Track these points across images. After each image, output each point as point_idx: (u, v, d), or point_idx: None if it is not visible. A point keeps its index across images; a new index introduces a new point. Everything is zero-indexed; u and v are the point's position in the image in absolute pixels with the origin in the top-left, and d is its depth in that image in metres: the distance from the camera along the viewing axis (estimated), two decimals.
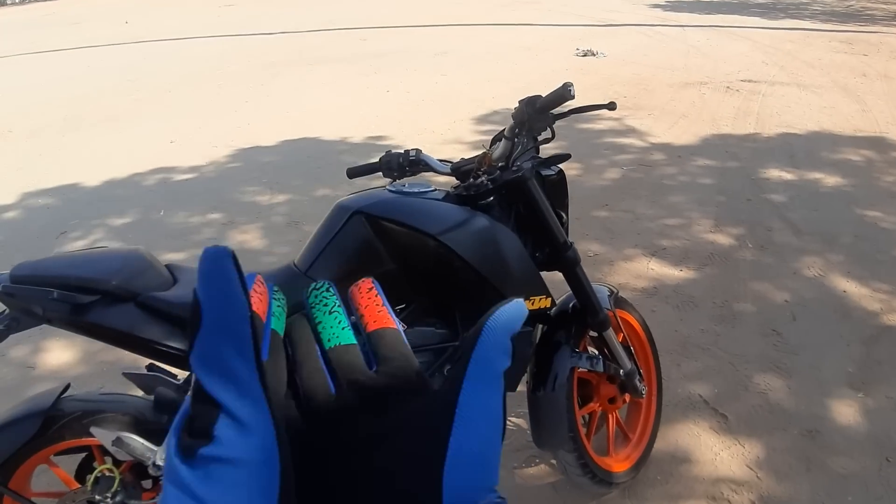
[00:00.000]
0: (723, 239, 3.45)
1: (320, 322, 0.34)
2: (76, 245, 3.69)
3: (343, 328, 0.33)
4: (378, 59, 9.22)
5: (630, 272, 3.13)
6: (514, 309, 0.32)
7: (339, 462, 0.28)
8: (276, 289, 0.34)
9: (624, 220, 3.72)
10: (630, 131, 5.35)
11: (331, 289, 0.36)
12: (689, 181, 4.31)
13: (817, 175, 4.29)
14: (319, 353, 0.32)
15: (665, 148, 4.97)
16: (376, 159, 1.63)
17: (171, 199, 4.34)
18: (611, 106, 1.42)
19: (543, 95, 1.35)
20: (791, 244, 3.35)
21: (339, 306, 0.35)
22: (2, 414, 1.32)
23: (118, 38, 11.19)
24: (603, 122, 5.51)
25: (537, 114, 1.34)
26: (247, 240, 3.66)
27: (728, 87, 6.72)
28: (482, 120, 5.94)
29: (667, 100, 6.36)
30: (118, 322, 1.22)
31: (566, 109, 1.36)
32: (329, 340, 0.33)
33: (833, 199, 3.90)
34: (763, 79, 7.04)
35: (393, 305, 1.37)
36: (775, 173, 4.35)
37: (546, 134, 1.42)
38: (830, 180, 4.20)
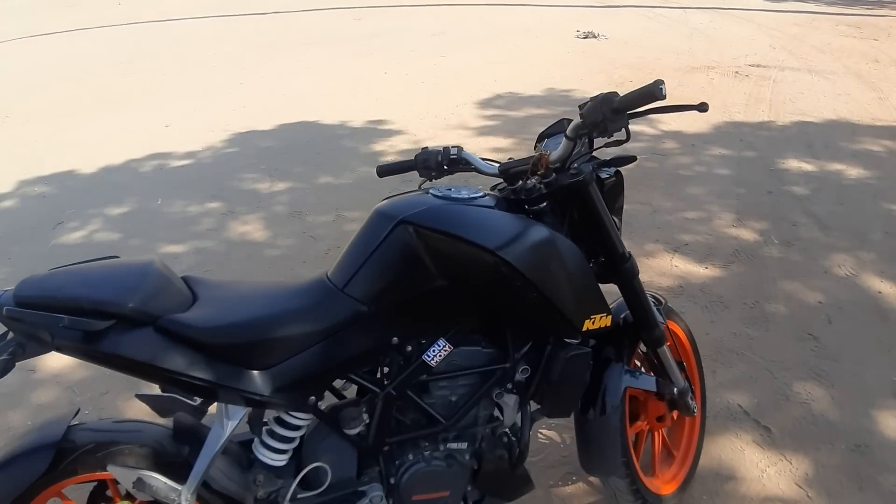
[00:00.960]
0: (746, 234, 3.32)
1: None
2: (73, 237, 3.52)
3: None
4: (374, 39, 8.96)
5: (654, 269, 3.00)
6: None
7: None
8: None
9: (642, 212, 3.58)
10: (640, 118, 5.20)
11: None
12: (705, 171, 4.17)
13: (838, 166, 4.16)
14: None
15: (677, 136, 4.83)
16: (407, 157, 1.48)
17: (169, 186, 4.15)
18: (702, 107, 1.24)
19: (620, 93, 1.18)
20: (819, 240, 3.24)
21: None
22: (9, 447, 1.18)
23: (112, 19, 10.81)
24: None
25: (614, 113, 1.17)
26: (248, 231, 3.49)
27: (737, 73, 6.56)
28: (486, 104, 5.76)
29: (674, 85, 6.19)
30: (136, 351, 1.07)
31: (645, 108, 1.20)
32: None
33: (858, 193, 3.78)
34: (772, 64, 6.89)
35: (439, 324, 1.24)
36: (794, 164, 4.22)
37: (619, 135, 1.26)
38: (853, 172, 4.08)
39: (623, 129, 1.21)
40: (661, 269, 3.02)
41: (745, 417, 2.11)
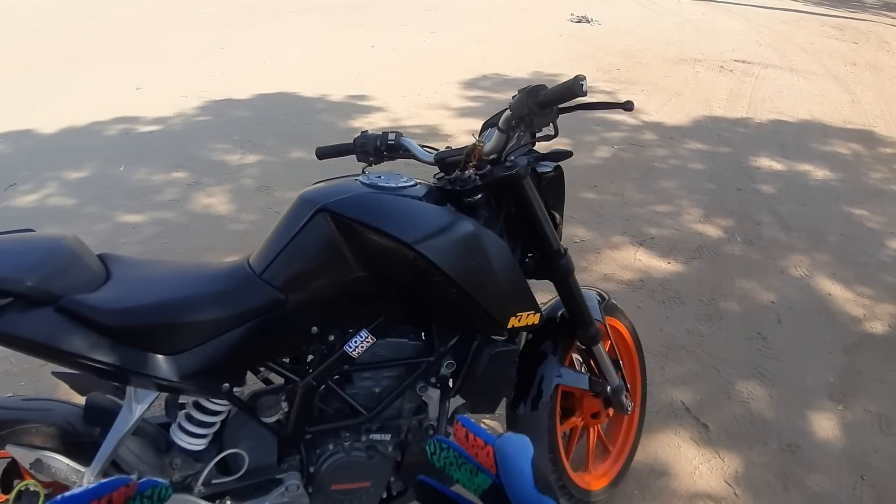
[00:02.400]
0: (712, 231, 3.34)
1: (459, 479, 0.43)
2: (25, 200, 3.42)
3: (477, 474, 0.43)
4: (363, 10, 8.79)
5: (616, 262, 3.01)
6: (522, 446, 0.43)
7: None
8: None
9: (613, 203, 3.58)
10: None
11: (444, 444, 0.44)
12: (680, 165, 4.18)
13: (807, 167, 4.20)
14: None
15: (657, 127, 4.82)
16: (350, 141, 1.44)
17: (133, 152, 4.05)
18: (627, 106, 1.22)
19: (548, 87, 1.15)
20: (779, 240, 3.27)
21: (461, 457, 0.43)
22: None
23: None
24: (595, 96, 5.32)
25: (539, 108, 1.14)
26: (212, 204, 3.43)
27: (722, 67, 6.55)
28: (470, 84, 5.69)
29: (660, 75, 6.17)
30: (33, 331, 1.02)
31: (574, 104, 1.17)
32: (476, 490, 0.43)
33: (821, 194, 3.83)
34: (756, 60, 6.89)
35: (361, 314, 1.22)
36: (766, 162, 4.24)
37: (548, 130, 1.24)
38: (819, 173, 4.11)
39: (552, 125, 1.19)
40: (624, 262, 3.03)
41: (685, 414, 2.14)
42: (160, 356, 1.10)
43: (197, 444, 1.23)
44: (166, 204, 3.41)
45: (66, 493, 0.36)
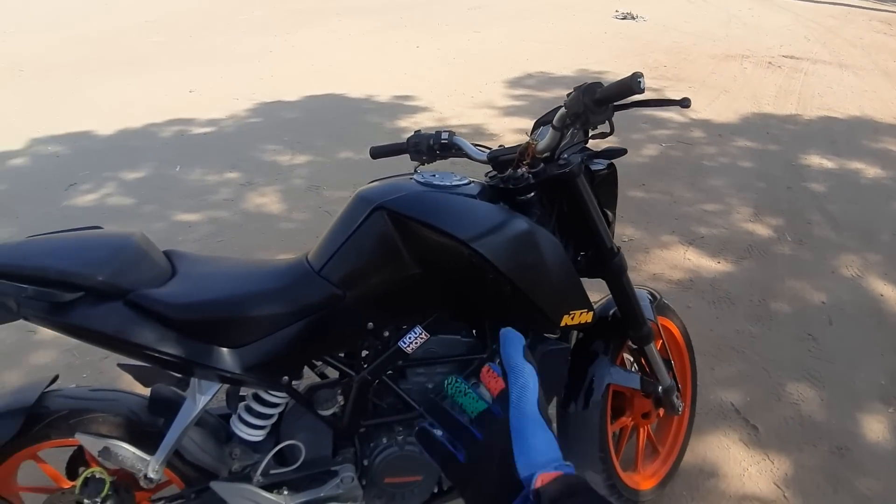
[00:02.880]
0: (762, 230, 3.28)
1: (462, 403, 0.53)
2: (85, 199, 3.57)
3: (477, 401, 0.53)
4: (408, 11, 8.88)
5: (666, 261, 3.00)
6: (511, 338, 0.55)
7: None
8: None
9: (662, 202, 3.56)
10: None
11: (458, 378, 0.55)
12: (729, 163, 4.11)
13: (858, 165, 4.07)
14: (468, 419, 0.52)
15: (705, 125, 4.75)
16: (403, 140, 1.44)
17: (188, 153, 4.21)
18: (684, 103, 1.19)
19: (605, 84, 1.14)
20: (830, 239, 3.19)
21: (468, 388, 0.54)
22: None
23: None
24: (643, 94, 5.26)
25: (596, 105, 1.13)
26: (264, 203, 3.55)
27: (770, 63, 6.38)
28: (515, 83, 5.70)
29: (708, 72, 6.06)
30: (103, 324, 1.06)
31: (629, 101, 1.18)
32: (472, 412, 0.52)
33: (873, 192, 3.72)
34: (805, 56, 6.68)
35: (415, 311, 1.26)
36: (816, 160, 4.13)
37: (603, 127, 1.24)
38: (871, 171, 3.99)
39: (607, 122, 1.19)
40: (673, 261, 3.01)
41: (735, 416, 2.12)
42: (223, 349, 1.13)
43: (256, 436, 1.26)
44: (221, 203, 3.54)
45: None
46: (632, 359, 1.69)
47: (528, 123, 5.13)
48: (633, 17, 8.46)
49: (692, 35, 7.52)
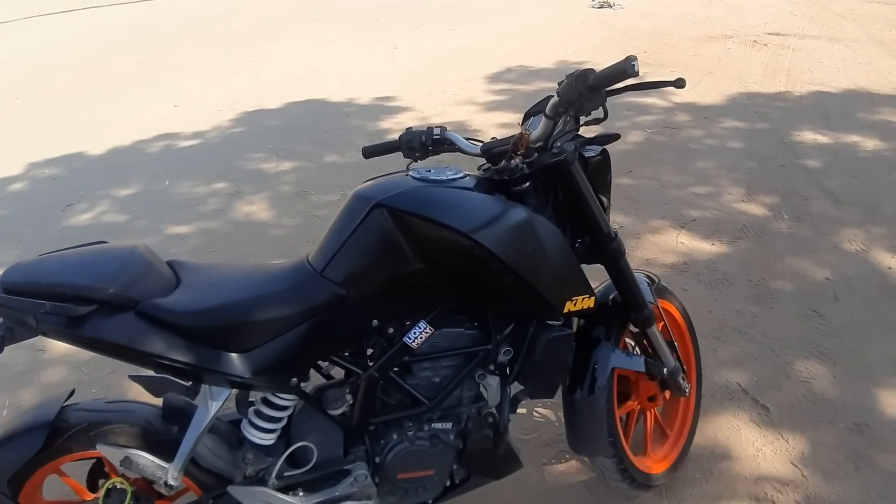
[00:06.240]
0: (756, 209, 3.26)
1: None
2: (83, 219, 3.57)
3: None
4: (383, 12, 8.86)
5: (658, 246, 2.97)
6: None
7: None
8: None
9: (650, 188, 3.53)
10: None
11: None
12: (717, 145, 4.08)
13: (855, 138, 4.05)
14: None
15: (690, 108, 4.73)
16: (395, 137, 1.46)
17: (176, 167, 4.18)
18: (678, 83, 1.20)
19: (597, 70, 1.14)
20: (830, 215, 3.16)
21: None
22: (5, 427, 1.23)
23: None
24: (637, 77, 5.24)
25: (589, 91, 1.13)
26: (254, 211, 3.51)
27: (755, 41, 6.38)
28: (495, 78, 5.68)
29: (690, 55, 6.05)
30: (118, 335, 1.09)
31: (623, 85, 1.16)
32: None
33: (873, 165, 3.68)
34: (792, 31, 6.68)
35: (419, 306, 1.23)
36: (809, 136, 4.11)
37: (597, 113, 1.22)
38: (869, 144, 3.96)
39: (601, 108, 1.17)
40: (666, 245, 2.98)
41: (743, 396, 2.09)
42: (232, 354, 1.15)
43: (267, 439, 1.27)
44: (210, 214, 3.50)
45: None
46: (633, 343, 1.67)
47: (511, 118, 5.12)
48: (610, 6, 8.46)
49: (672, 19, 7.52)
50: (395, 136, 1.45)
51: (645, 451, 1.72)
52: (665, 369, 1.58)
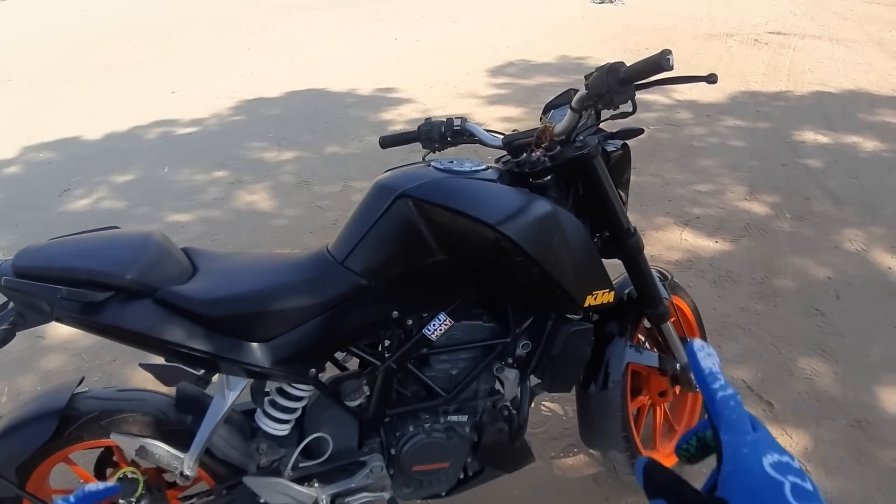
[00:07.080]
0: (758, 208, 3.27)
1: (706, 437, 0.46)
2: (79, 204, 3.53)
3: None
4: (383, 3, 8.80)
5: (662, 243, 2.97)
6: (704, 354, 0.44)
7: None
8: None
9: (653, 185, 3.53)
10: (654, 87, 5.10)
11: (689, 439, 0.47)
12: (719, 143, 4.10)
13: (855, 138, 4.08)
14: None
15: (692, 106, 4.74)
16: (399, 129, 1.45)
17: (175, 154, 4.14)
18: (711, 78, 1.15)
19: (626, 64, 1.13)
20: (831, 215, 3.19)
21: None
22: (14, 414, 1.20)
23: None
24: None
25: (620, 84, 1.12)
26: (255, 201, 3.48)
27: (756, 40, 6.40)
28: (497, 72, 5.66)
29: (691, 53, 6.05)
30: (135, 323, 1.06)
31: (652, 79, 1.15)
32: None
33: (873, 166, 3.71)
34: (793, 31, 6.70)
35: (439, 298, 1.22)
36: (810, 136, 4.13)
37: (626, 107, 1.22)
38: (869, 144, 3.99)
39: (630, 101, 1.17)
40: (670, 242, 2.99)
41: (748, 392, 2.10)
42: (251, 343, 1.13)
43: (281, 430, 1.26)
44: (211, 202, 3.47)
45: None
46: (643, 338, 1.67)
47: (513, 111, 5.11)
48: (611, 1, 8.45)
49: (673, 16, 7.52)
50: (400, 128, 1.44)
51: (654, 445, 1.73)
52: (677, 364, 1.59)
